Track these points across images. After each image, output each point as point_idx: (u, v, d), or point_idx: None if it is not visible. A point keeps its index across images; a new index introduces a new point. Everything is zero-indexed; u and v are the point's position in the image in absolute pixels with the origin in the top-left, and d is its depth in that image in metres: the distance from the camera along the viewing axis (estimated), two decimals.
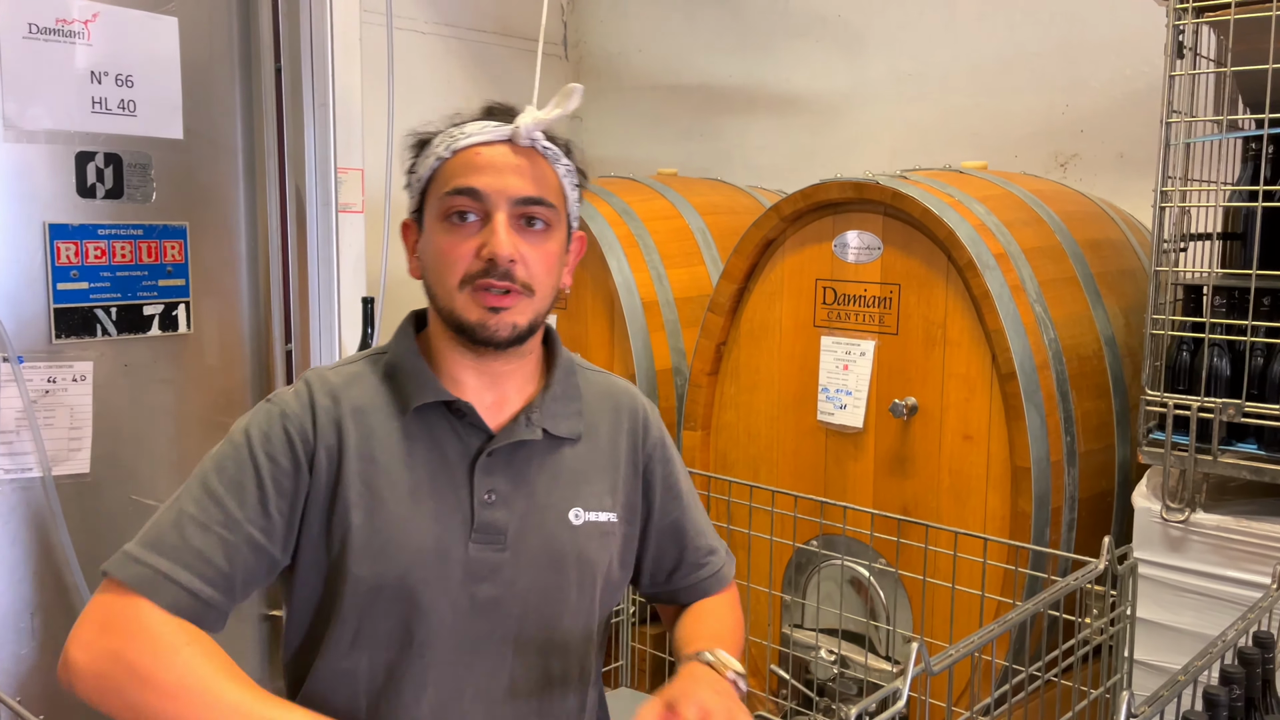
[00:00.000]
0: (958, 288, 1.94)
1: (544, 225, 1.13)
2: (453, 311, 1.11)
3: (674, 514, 1.31)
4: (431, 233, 1.13)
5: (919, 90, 3.09)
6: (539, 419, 1.17)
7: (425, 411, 1.15)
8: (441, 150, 1.13)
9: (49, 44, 1.55)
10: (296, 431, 1.11)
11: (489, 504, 1.14)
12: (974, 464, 1.94)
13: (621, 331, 2.42)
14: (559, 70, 3.87)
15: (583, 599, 1.19)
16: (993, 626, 1.26)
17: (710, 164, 3.45)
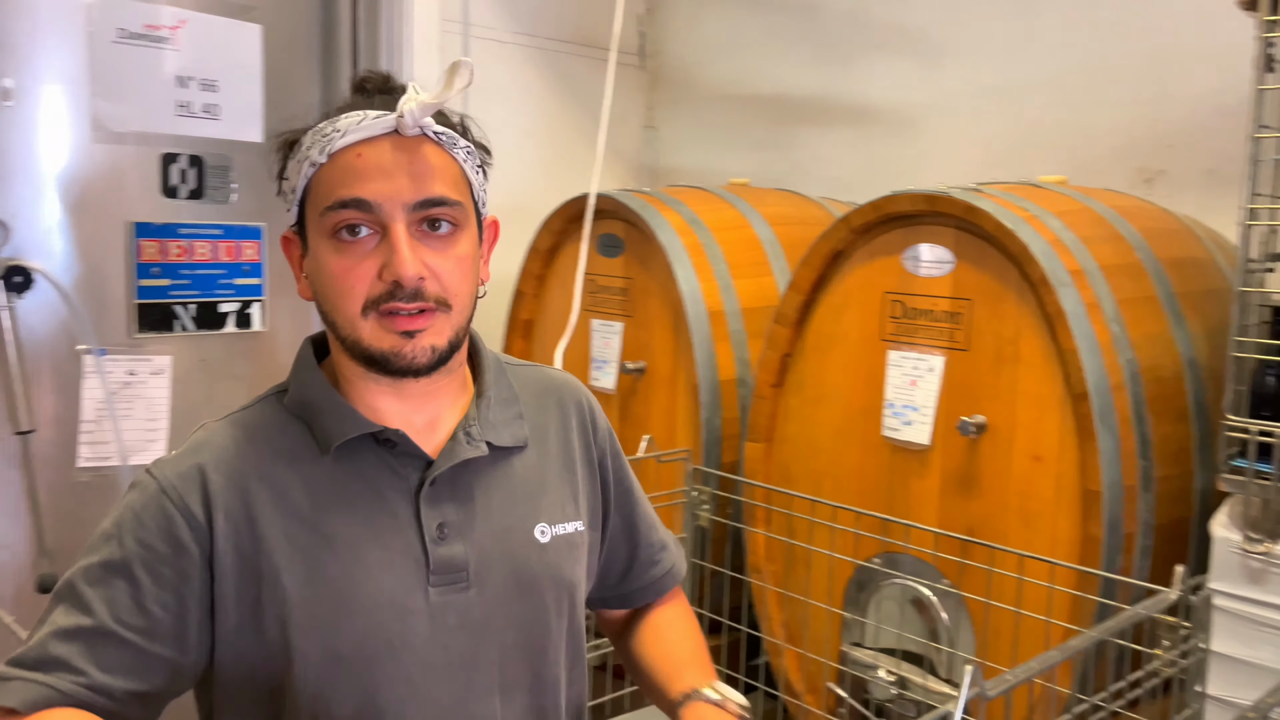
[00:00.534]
0: (1030, 304, 1.89)
1: (451, 226, 0.98)
2: (359, 342, 0.96)
3: (626, 510, 1.20)
4: (319, 253, 0.96)
5: (998, 103, 3.03)
6: (479, 432, 1.04)
7: (350, 449, 0.99)
8: (315, 154, 0.96)
9: (138, 49, 1.61)
10: (178, 507, 0.94)
11: (442, 539, 0.99)
12: (1043, 486, 1.89)
13: (685, 341, 2.42)
14: (635, 80, 3.89)
15: (562, 623, 1.07)
16: (1053, 653, 1.22)
17: (784, 175, 3.43)
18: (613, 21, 3.75)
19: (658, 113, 3.93)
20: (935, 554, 1.97)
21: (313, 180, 0.97)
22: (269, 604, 0.95)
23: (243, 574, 0.95)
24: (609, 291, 2.64)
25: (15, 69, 1.54)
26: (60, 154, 1.61)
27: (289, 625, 0.94)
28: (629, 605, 1.24)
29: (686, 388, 2.48)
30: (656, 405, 2.56)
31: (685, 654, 1.15)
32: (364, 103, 0.98)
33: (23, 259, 1.57)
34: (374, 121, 0.95)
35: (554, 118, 3.59)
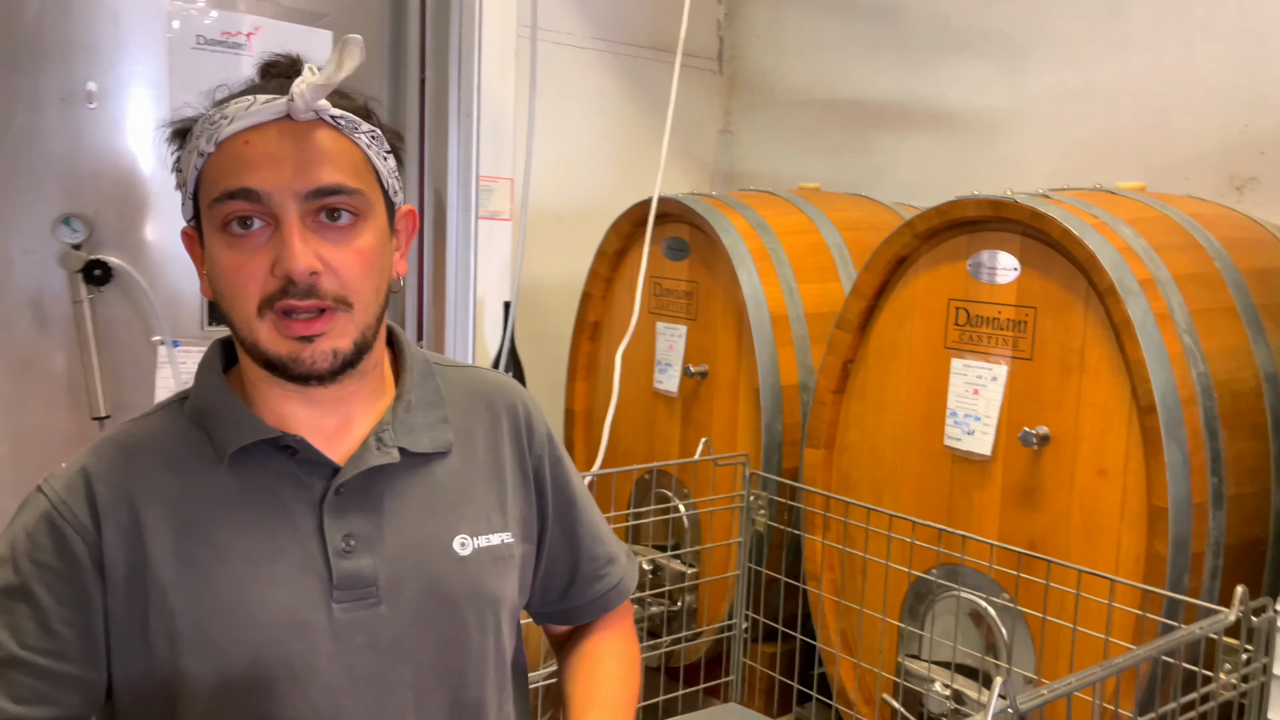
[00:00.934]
0: (1098, 313, 1.84)
1: (351, 216, 0.90)
2: (256, 345, 0.89)
3: (567, 521, 1.12)
4: (212, 248, 0.90)
5: (1082, 108, 2.94)
6: (392, 437, 0.97)
7: (249, 456, 0.93)
8: (204, 143, 0.88)
9: (215, 54, 1.69)
10: (68, 521, 0.89)
11: (348, 552, 0.92)
12: (1108, 500, 1.84)
13: (748, 345, 2.41)
14: (714, 85, 3.90)
15: (485, 641, 0.99)
16: (1094, 669, 1.19)
17: (861, 180, 3.39)
18: (696, 27, 3.76)
19: (735, 118, 3.93)
20: (995, 567, 1.92)
21: (202, 171, 0.90)
22: (157, 621, 0.89)
23: (131, 589, 0.89)
24: (674, 295, 2.65)
25: (100, 73, 1.62)
26: (140, 154, 1.69)
27: (178, 644, 0.89)
28: (573, 622, 1.17)
29: (748, 392, 2.47)
30: (719, 409, 2.55)
31: (602, 696, 1.07)
32: (260, 87, 0.91)
33: (103, 253, 1.65)
34: (263, 106, 0.87)
35: (629, 122, 3.61)
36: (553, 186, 3.45)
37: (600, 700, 1.06)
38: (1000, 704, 1.07)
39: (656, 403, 2.71)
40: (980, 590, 1.96)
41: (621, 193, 2.78)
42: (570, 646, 1.16)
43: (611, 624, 1.18)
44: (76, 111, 1.62)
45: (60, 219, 1.63)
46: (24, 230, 1.62)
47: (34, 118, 1.59)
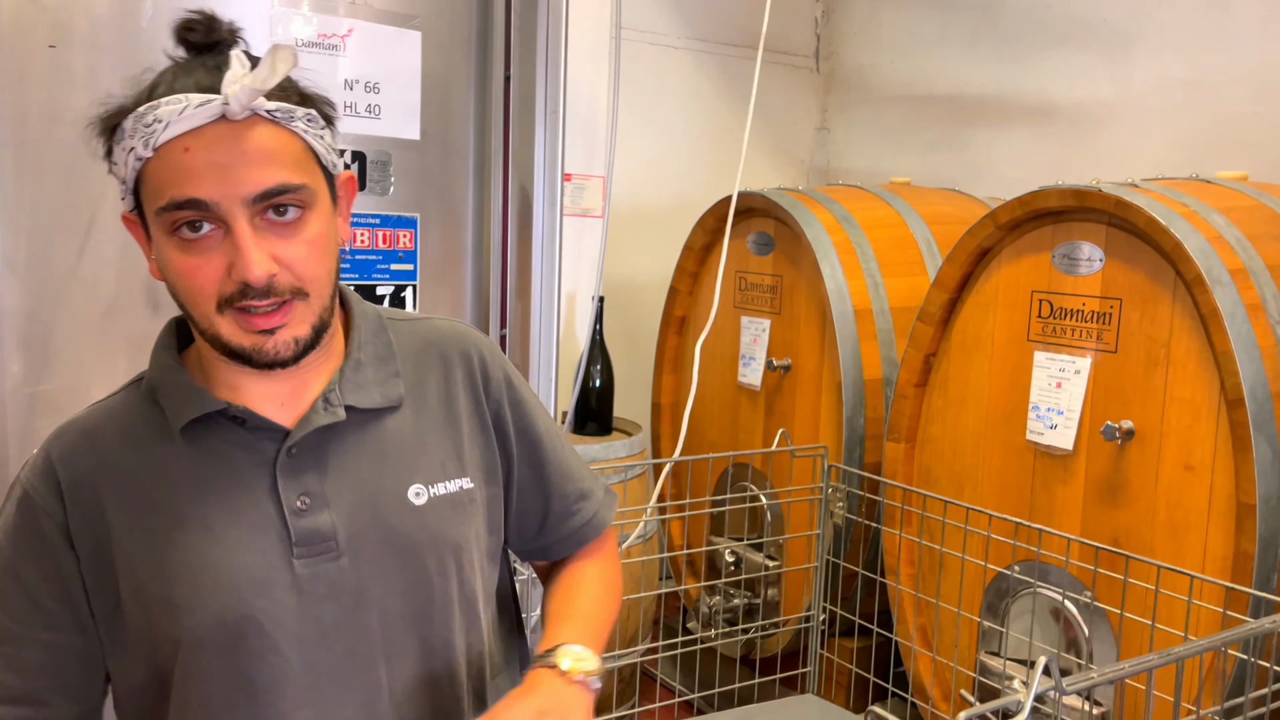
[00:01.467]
0: (1185, 304, 1.79)
1: (298, 209, 0.91)
2: (218, 338, 0.91)
3: (534, 461, 1.12)
4: (163, 249, 0.90)
5: (1189, 98, 2.84)
6: (338, 397, 0.99)
7: (202, 428, 0.96)
8: (139, 146, 0.88)
9: (312, 55, 1.79)
10: (40, 505, 0.95)
11: (304, 511, 0.95)
12: (1194, 497, 1.78)
13: (831, 339, 2.41)
14: (810, 82, 3.90)
15: (449, 585, 1.02)
16: (1151, 657, 1.17)
17: (958, 176, 3.34)
18: (792, 25, 3.76)
19: (831, 115, 3.91)
20: (1078, 564, 1.89)
21: (141, 174, 0.89)
22: (128, 593, 0.94)
23: (100, 565, 0.95)
24: (758, 289, 2.67)
25: None
26: None
27: (150, 612, 0.93)
28: (551, 557, 1.18)
29: (831, 386, 2.47)
30: (801, 403, 2.56)
31: (574, 610, 1.09)
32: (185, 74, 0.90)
33: None
34: (197, 110, 0.86)
35: (723, 120, 3.64)
36: (646, 185, 3.50)
37: (571, 613, 1.07)
38: (1045, 684, 1.07)
39: (740, 396, 2.73)
40: (1061, 587, 1.92)
41: (715, 190, 2.81)
42: (552, 574, 1.18)
43: (590, 551, 1.19)
44: None
45: None
46: None
47: None
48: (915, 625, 2.25)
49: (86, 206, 1.74)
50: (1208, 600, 1.68)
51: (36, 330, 1.76)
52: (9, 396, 1.76)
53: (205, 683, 0.94)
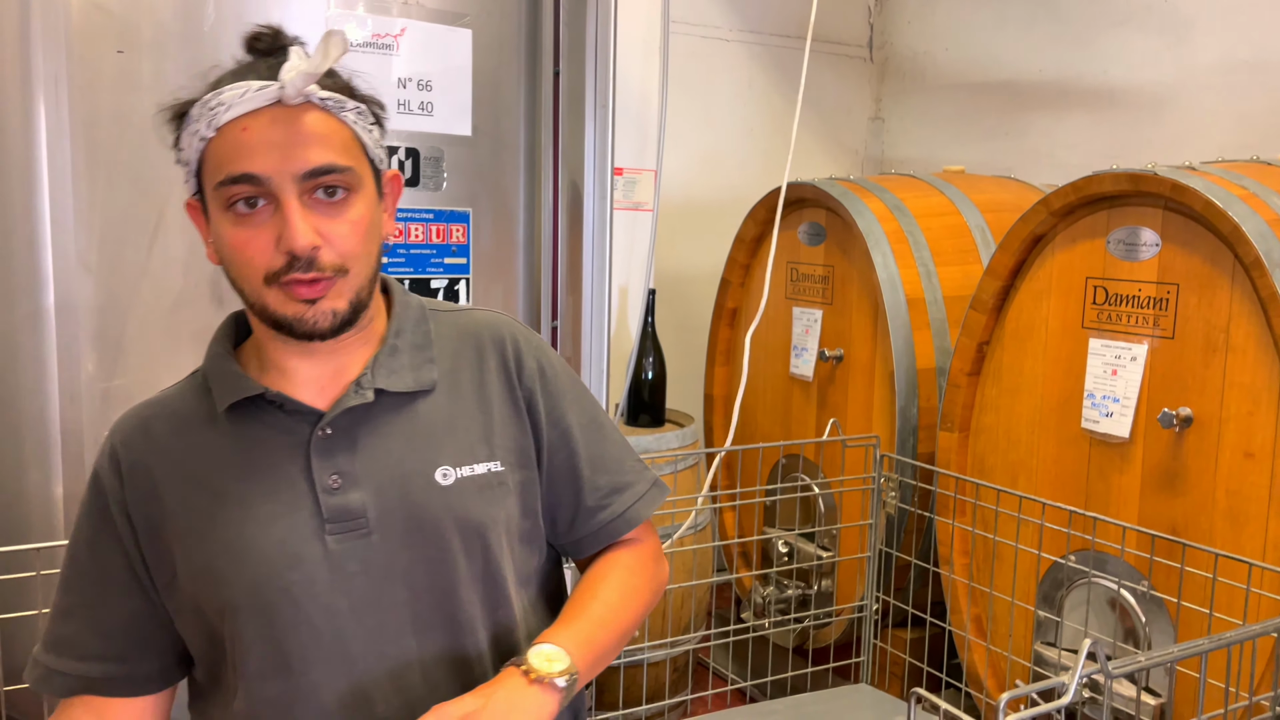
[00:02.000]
0: (1244, 288, 1.75)
1: (344, 191, 0.98)
2: (265, 309, 0.98)
3: (565, 454, 1.14)
4: (219, 225, 0.98)
5: (1255, 79, 2.77)
6: (370, 380, 1.04)
7: (244, 412, 1.03)
8: (203, 128, 0.96)
9: (366, 55, 1.84)
10: (107, 486, 1.04)
11: (336, 489, 1.01)
12: (1255, 484, 1.75)
13: (883, 328, 2.41)
14: (863, 72, 3.87)
15: (475, 564, 1.05)
16: (1201, 641, 1.16)
17: (1016, 164, 3.30)
18: (844, 16, 3.75)
19: (885, 104, 3.88)
20: (1135, 552, 1.86)
21: (204, 154, 0.97)
22: (180, 566, 1.01)
23: (156, 540, 1.02)
24: (810, 279, 2.67)
25: None
26: None
27: (197, 583, 1.00)
28: (583, 553, 1.18)
29: (883, 376, 2.46)
30: (854, 393, 2.56)
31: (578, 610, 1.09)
32: (248, 70, 0.98)
33: None
34: (257, 94, 0.94)
35: (777, 112, 3.64)
36: (699, 178, 3.51)
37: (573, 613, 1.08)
38: (1090, 666, 1.06)
39: (793, 387, 2.74)
40: (1118, 576, 1.90)
41: (767, 182, 2.82)
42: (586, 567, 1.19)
43: (625, 543, 1.19)
44: None
45: None
46: None
47: None
48: (969, 615, 2.23)
49: (154, 206, 1.81)
50: (1268, 589, 1.65)
51: (109, 326, 1.83)
52: (84, 391, 1.84)
53: (244, 651, 1.00)
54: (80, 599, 1.05)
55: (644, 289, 2.75)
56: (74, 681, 1.04)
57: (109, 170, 1.79)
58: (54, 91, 1.76)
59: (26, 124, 1.77)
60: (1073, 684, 1.05)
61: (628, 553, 1.18)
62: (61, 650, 1.04)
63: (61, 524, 1.86)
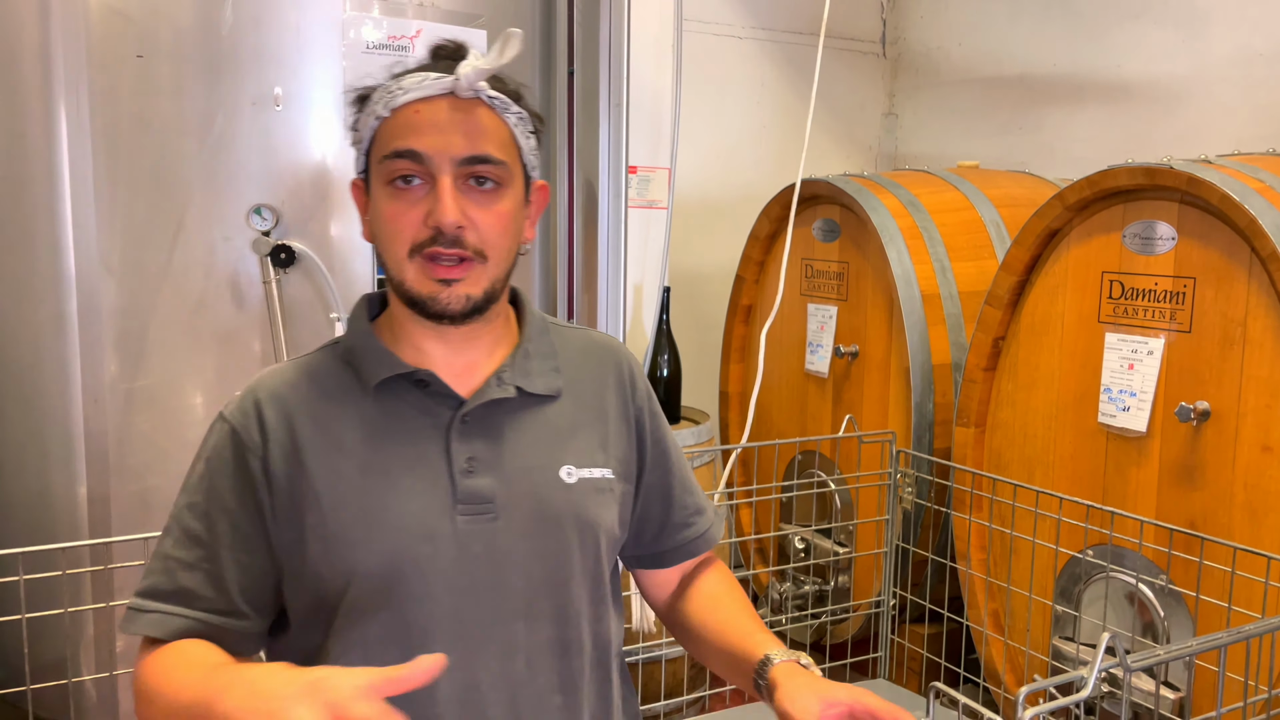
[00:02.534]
0: (1261, 282, 1.75)
1: (494, 184, 1.04)
2: (403, 283, 1.04)
3: (662, 470, 1.23)
4: (377, 198, 1.05)
5: (1271, 71, 2.76)
6: (511, 378, 1.11)
7: (388, 389, 1.08)
8: (380, 109, 1.04)
9: (382, 56, 1.86)
10: (246, 443, 1.06)
11: (470, 472, 1.07)
12: (1273, 478, 1.74)
13: (899, 324, 2.41)
14: (876, 68, 3.87)
15: (587, 560, 1.12)
16: (1220, 635, 1.16)
17: (1031, 158, 3.29)
18: (856, 12, 3.74)
19: (899, 100, 3.88)
20: (1153, 547, 1.86)
21: (377, 131, 1.05)
22: (311, 526, 1.04)
23: (291, 498, 1.05)
24: (825, 276, 2.68)
25: (284, 79, 1.82)
26: (319, 150, 1.88)
27: (328, 544, 1.04)
28: (662, 565, 1.27)
29: (899, 372, 2.47)
30: (869, 389, 2.56)
31: (745, 621, 1.18)
32: (430, 66, 1.06)
33: (288, 239, 1.85)
34: (434, 82, 1.02)
35: (790, 109, 3.64)
36: (713, 175, 3.52)
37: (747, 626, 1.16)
38: (1108, 660, 1.07)
39: (808, 383, 2.74)
40: (1136, 571, 1.90)
41: (782, 179, 2.82)
42: (682, 592, 1.27)
43: (707, 565, 1.29)
44: (266, 114, 1.82)
45: (253, 209, 1.84)
46: (224, 220, 1.84)
47: (230, 121, 1.81)
48: (987, 610, 2.23)
49: (175, 209, 1.84)
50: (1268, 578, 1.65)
51: (131, 328, 1.86)
52: (107, 393, 1.87)
53: (365, 618, 1.03)
54: (206, 552, 1.06)
55: (659, 286, 2.76)
56: (193, 624, 1.05)
57: (130, 174, 1.82)
58: (75, 97, 1.78)
59: (48, 129, 1.80)
60: (1091, 678, 1.06)
61: (718, 566, 1.29)
62: (182, 600, 1.05)
63: (85, 524, 1.89)
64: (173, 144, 1.81)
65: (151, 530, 1.60)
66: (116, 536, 1.59)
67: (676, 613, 1.27)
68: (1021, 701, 1.03)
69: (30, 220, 1.82)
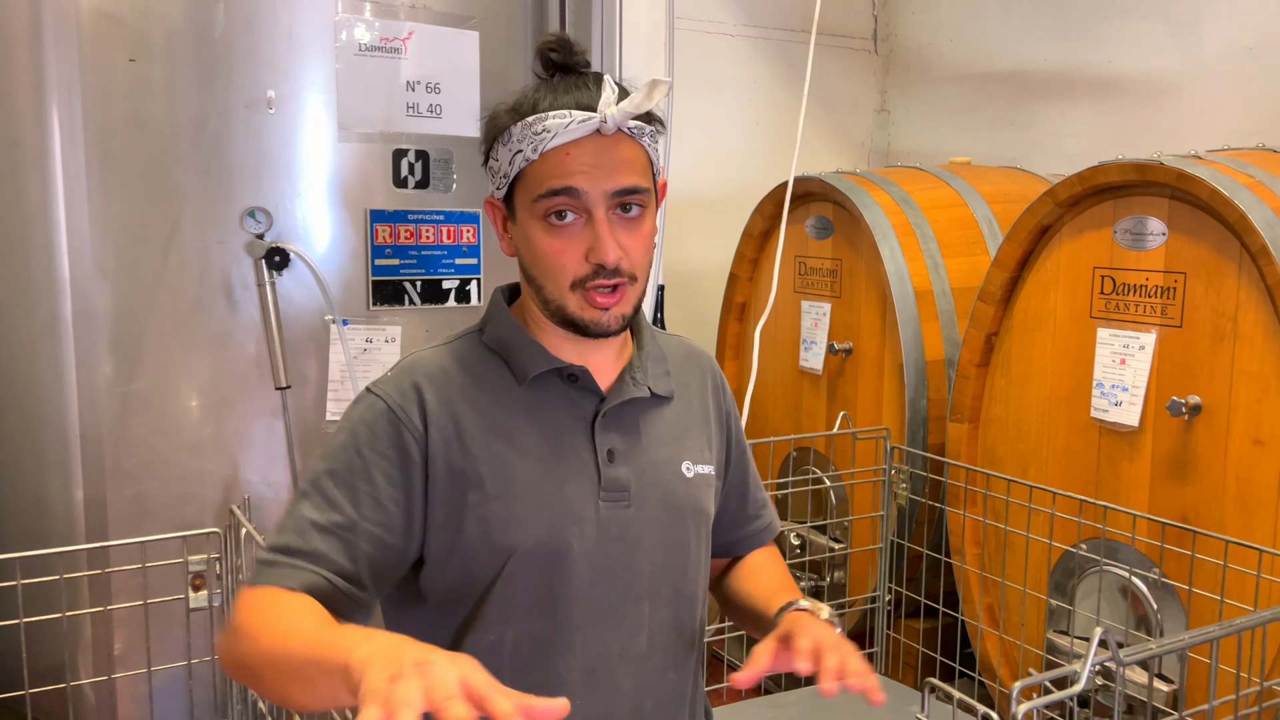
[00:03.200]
0: (1251, 276, 1.76)
1: (640, 209, 1.12)
2: (563, 309, 1.11)
3: (741, 466, 1.34)
4: (530, 230, 1.11)
5: (1262, 66, 2.77)
6: (642, 378, 1.20)
7: (539, 381, 1.16)
8: (528, 150, 1.09)
9: (375, 59, 1.86)
10: (404, 421, 1.11)
11: (611, 462, 1.15)
12: (1265, 472, 1.76)
13: (892, 321, 2.42)
14: (868, 64, 3.88)
15: (700, 549, 1.22)
16: (1213, 628, 1.17)
17: (1022, 154, 3.30)
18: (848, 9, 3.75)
19: (891, 96, 3.89)
20: (1146, 540, 1.87)
21: (524, 171, 1.10)
22: (472, 504, 1.11)
23: (450, 478, 1.11)
24: (818, 273, 2.68)
25: (277, 81, 1.82)
26: (312, 152, 1.89)
27: (489, 522, 1.10)
28: (732, 554, 1.36)
29: (892, 368, 2.48)
30: (863, 386, 2.57)
31: (778, 583, 1.28)
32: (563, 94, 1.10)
33: (282, 242, 1.86)
34: (580, 125, 1.07)
35: (783, 106, 3.64)
36: (706, 173, 3.52)
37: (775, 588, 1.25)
38: (1101, 654, 1.08)
39: (802, 381, 2.75)
40: (1129, 564, 1.91)
41: (775, 177, 2.82)
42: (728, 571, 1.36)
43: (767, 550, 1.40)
44: (258, 116, 1.82)
45: (246, 212, 1.84)
46: (218, 223, 1.84)
47: (223, 123, 1.81)
48: (982, 605, 2.25)
49: (169, 213, 1.84)
50: (1274, 575, 1.66)
51: (126, 331, 1.86)
52: (102, 397, 1.87)
53: (519, 589, 1.12)
54: (344, 520, 1.09)
55: (652, 285, 2.77)
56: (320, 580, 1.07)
57: (123, 177, 1.82)
58: (67, 100, 1.78)
59: (41, 133, 1.80)
60: (1084, 671, 1.07)
61: (774, 550, 1.39)
62: (313, 560, 1.07)
63: (82, 528, 1.89)
64: (166, 147, 1.81)
65: (149, 534, 1.61)
66: (113, 540, 1.60)
67: (722, 586, 1.35)
68: (1015, 696, 1.04)
69: (24, 224, 1.83)
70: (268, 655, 0.98)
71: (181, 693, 1.70)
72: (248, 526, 1.60)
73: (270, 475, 1.93)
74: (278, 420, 1.90)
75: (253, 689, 1.10)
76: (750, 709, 2.09)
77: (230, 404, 1.88)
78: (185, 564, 1.62)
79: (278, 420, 1.90)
